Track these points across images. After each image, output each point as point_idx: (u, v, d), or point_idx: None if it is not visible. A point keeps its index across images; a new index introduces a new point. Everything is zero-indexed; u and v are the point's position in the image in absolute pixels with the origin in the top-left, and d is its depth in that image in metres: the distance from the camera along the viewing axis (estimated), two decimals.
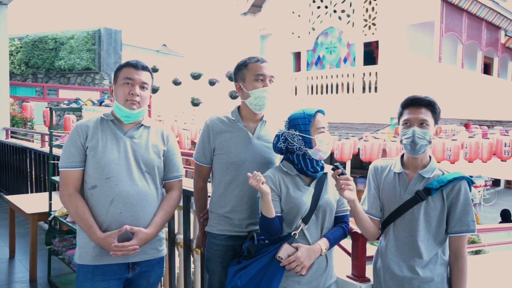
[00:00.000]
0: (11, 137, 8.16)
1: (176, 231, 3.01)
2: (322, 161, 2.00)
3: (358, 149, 9.29)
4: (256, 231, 2.10)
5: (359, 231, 2.04)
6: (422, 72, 11.36)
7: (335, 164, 1.85)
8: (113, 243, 1.89)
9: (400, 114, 1.97)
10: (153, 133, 2.14)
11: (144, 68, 2.07)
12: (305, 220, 1.90)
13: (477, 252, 4.82)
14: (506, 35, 14.34)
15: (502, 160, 7.50)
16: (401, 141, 1.95)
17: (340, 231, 1.99)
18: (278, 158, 2.22)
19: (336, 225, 2.01)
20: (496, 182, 15.97)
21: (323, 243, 1.91)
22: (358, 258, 2.11)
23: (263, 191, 1.81)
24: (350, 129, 11.50)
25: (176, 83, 15.36)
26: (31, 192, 6.28)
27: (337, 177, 1.81)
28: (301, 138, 1.94)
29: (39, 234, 4.00)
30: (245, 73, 2.15)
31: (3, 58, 8.06)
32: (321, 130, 1.93)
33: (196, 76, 15.73)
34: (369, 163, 11.66)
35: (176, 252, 3.04)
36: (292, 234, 1.89)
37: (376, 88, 12.22)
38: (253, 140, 2.15)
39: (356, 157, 9.87)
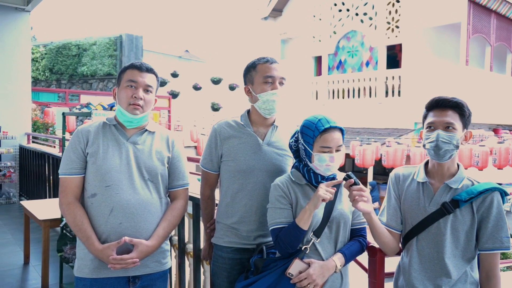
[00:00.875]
0: (33, 142, 8.26)
1: (186, 240, 2.91)
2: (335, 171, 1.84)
3: (381, 155, 9.02)
4: (265, 243, 1.96)
5: (377, 245, 1.87)
6: (448, 76, 10.99)
7: (347, 173, 1.69)
8: (111, 255, 1.78)
9: (425, 117, 1.80)
10: (158, 139, 2.03)
11: (149, 70, 1.97)
12: (317, 233, 1.74)
13: (508, 267, 4.52)
14: None
15: None
16: (424, 146, 1.79)
17: (356, 245, 1.82)
18: (289, 167, 2.08)
19: (352, 238, 1.84)
20: None
21: (338, 258, 1.74)
22: (376, 275, 1.93)
23: (319, 202, 1.67)
24: (373, 134, 11.21)
25: (196, 88, 15.42)
26: (49, 197, 6.31)
27: (350, 188, 1.66)
28: (303, 148, 1.81)
29: (54, 240, 3.96)
30: (253, 75, 2.02)
31: (26, 63, 8.18)
32: (324, 150, 1.74)
33: (216, 81, 15.76)
34: (392, 169, 11.31)
35: (187, 262, 2.93)
36: (303, 248, 1.73)
37: (399, 92, 11.91)
38: (263, 146, 2.01)
39: (378, 163, 9.59)
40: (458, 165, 1.80)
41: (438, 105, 1.74)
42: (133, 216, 1.85)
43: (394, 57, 12.88)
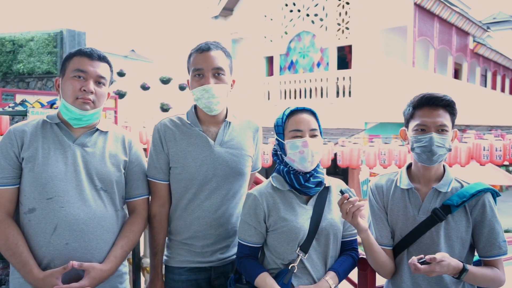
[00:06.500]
0: None
1: (141, 253, 2.59)
2: (320, 174, 1.60)
3: (335, 154, 9.03)
4: (224, 260, 1.70)
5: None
6: (396, 76, 11.29)
7: (340, 189, 1.46)
8: (56, 284, 1.43)
9: (411, 116, 1.64)
10: (112, 140, 1.70)
11: (101, 58, 1.64)
12: (304, 249, 1.50)
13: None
14: (474, 41, 14.56)
15: (481, 165, 7.39)
16: (412, 149, 1.62)
17: (349, 260, 1.60)
18: (248, 168, 1.79)
19: (343, 253, 1.62)
20: None
21: (331, 278, 1.51)
22: None
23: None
24: (325, 134, 11.27)
25: (144, 88, 14.79)
26: None
27: (343, 204, 1.43)
28: (277, 143, 1.61)
29: None
30: (189, 66, 1.73)
31: None
32: (294, 134, 1.53)
33: (165, 81, 15.21)
34: (346, 168, 11.30)
35: (142, 279, 2.61)
36: (290, 267, 1.49)
37: (350, 92, 12.07)
38: (215, 148, 1.71)
39: (331, 162, 9.62)
40: (444, 167, 1.66)
41: (428, 103, 1.59)
42: (83, 234, 1.52)
43: (344, 58, 13.08)
